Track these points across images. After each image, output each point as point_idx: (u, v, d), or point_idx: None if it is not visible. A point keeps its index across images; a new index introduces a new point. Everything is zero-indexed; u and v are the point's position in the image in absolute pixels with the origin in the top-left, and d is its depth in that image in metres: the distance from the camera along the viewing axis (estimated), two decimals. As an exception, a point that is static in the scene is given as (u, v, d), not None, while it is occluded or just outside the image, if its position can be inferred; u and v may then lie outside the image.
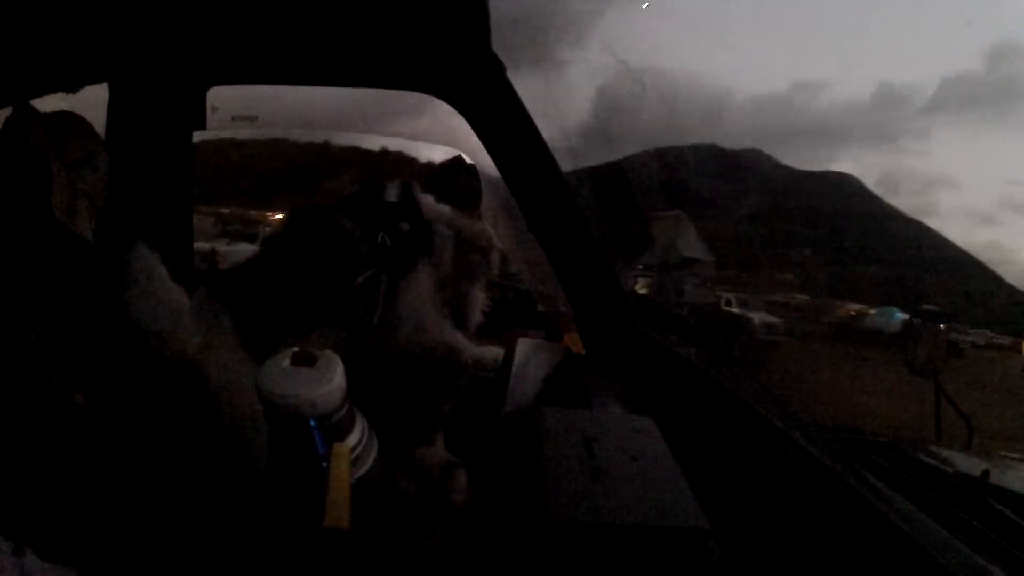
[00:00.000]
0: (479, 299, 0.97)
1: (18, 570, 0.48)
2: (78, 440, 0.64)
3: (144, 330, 0.68)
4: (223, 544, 0.66)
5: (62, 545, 0.55)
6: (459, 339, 0.90)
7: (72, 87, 0.99)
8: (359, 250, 0.78)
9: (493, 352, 0.92)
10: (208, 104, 1.20)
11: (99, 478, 0.63)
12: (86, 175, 0.82)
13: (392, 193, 0.86)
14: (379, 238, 0.79)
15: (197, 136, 1.23)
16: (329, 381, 0.68)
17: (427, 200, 0.87)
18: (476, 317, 0.97)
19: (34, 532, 0.54)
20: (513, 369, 0.94)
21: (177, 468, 0.67)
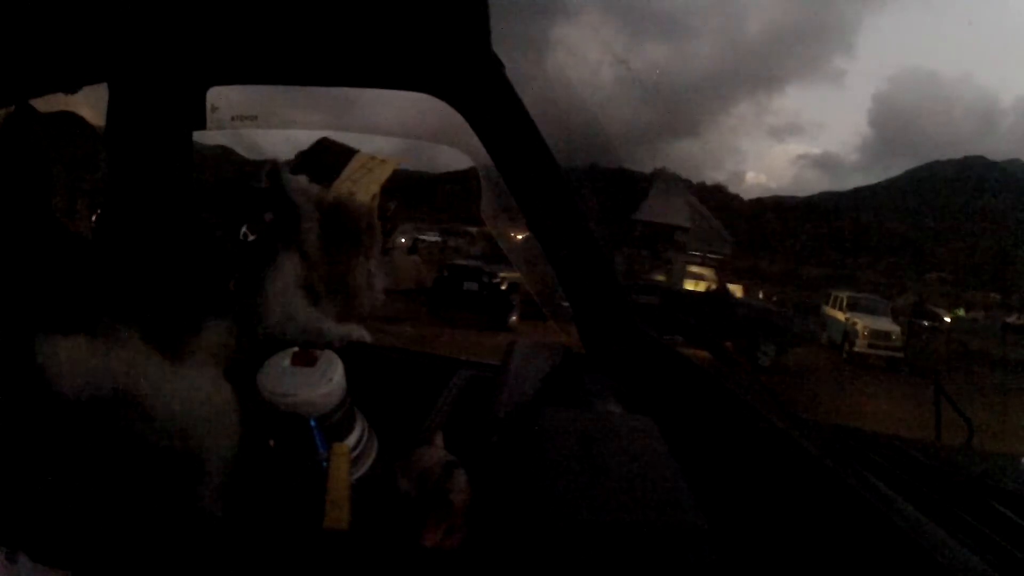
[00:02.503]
0: (365, 271, 0.95)
1: (12, 574, 0.48)
2: (72, 442, 0.63)
3: (69, 386, 0.63)
4: (222, 544, 0.66)
5: (55, 548, 0.55)
6: (325, 322, 0.90)
7: (72, 87, 0.99)
8: (224, 248, 0.79)
9: (357, 330, 0.92)
10: (208, 104, 1.20)
11: (92, 480, 0.63)
12: (86, 175, 0.82)
13: (263, 178, 0.86)
14: (241, 233, 0.80)
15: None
16: (329, 381, 0.68)
17: (296, 181, 0.87)
18: (369, 286, 0.96)
19: (27, 535, 0.54)
20: (512, 368, 0.94)
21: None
